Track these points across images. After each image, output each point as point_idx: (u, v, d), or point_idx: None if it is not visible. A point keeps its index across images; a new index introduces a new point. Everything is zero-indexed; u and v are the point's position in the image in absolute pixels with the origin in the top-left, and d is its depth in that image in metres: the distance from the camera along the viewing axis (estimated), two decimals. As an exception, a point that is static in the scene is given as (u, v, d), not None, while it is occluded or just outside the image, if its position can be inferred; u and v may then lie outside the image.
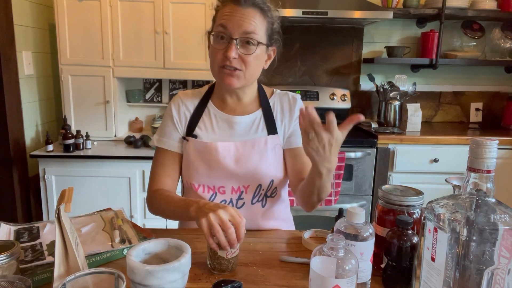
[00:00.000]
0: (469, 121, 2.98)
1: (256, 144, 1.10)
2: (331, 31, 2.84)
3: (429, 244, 0.68)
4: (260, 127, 1.13)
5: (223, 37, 1.01)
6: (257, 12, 1.01)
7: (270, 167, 1.11)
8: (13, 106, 2.26)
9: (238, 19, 0.99)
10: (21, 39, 2.33)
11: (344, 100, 2.81)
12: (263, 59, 1.07)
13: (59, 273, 0.72)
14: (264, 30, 1.03)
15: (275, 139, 1.12)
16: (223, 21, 1.01)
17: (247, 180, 1.10)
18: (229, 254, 0.85)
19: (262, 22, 1.02)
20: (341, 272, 0.66)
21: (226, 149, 1.09)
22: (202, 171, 1.10)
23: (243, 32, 0.99)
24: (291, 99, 1.16)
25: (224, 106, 1.15)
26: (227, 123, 1.13)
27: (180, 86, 2.79)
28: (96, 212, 1.12)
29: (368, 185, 2.43)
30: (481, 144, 0.62)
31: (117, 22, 2.39)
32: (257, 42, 1.01)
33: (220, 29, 1.01)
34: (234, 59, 1.00)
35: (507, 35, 2.75)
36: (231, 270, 0.87)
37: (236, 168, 1.09)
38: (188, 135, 1.13)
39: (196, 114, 1.14)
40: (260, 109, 1.15)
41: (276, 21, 1.08)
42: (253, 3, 1.01)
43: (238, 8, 1.00)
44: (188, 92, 1.19)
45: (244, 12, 1.00)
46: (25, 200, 2.39)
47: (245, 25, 0.99)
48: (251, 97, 1.16)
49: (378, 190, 0.88)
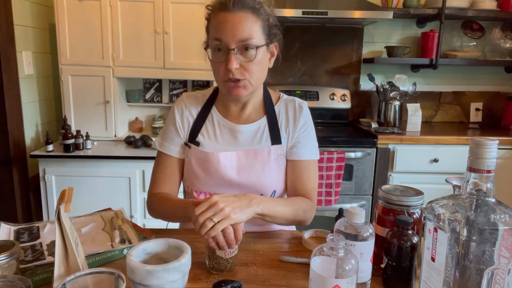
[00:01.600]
0: (469, 121, 2.98)
1: (259, 154, 1.08)
2: (331, 31, 2.84)
3: (429, 244, 0.68)
4: (264, 136, 1.10)
5: (220, 49, 0.98)
6: (249, 14, 0.97)
7: (273, 178, 1.09)
8: (13, 106, 2.26)
9: (230, 27, 0.95)
10: (21, 39, 2.33)
11: (344, 100, 2.81)
12: (266, 59, 1.04)
13: (59, 273, 0.72)
14: (260, 30, 0.99)
15: (278, 149, 1.09)
16: (216, 33, 0.97)
17: (249, 190, 1.06)
18: (228, 254, 0.85)
19: (256, 23, 0.98)
20: (341, 272, 0.66)
21: (228, 159, 1.07)
22: (203, 179, 1.08)
23: (239, 40, 0.96)
24: (297, 107, 1.13)
25: (228, 113, 1.12)
26: (230, 131, 1.11)
27: (180, 86, 2.79)
28: (96, 212, 1.12)
29: (368, 185, 2.43)
30: (481, 144, 0.62)
31: (117, 22, 2.39)
32: (256, 47, 0.98)
33: (216, 43, 0.98)
34: (236, 69, 0.97)
35: (507, 35, 2.75)
36: (229, 270, 0.87)
37: (238, 179, 1.07)
38: (191, 141, 1.11)
39: (199, 120, 1.12)
40: (265, 116, 1.12)
41: (271, 15, 1.03)
42: (243, 5, 0.96)
43: (228, 15, 0.96)
44: (192, 95, 1.16)
45: (235, 18, 0.96)
46: (25, 200, 2.39)
47: (239, 33, 0.95)
48: (256, 104, 1.13)
49: (378, 190, 0.88)
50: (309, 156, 1.12)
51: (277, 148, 1.09)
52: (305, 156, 1.11)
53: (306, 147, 1.12)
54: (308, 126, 1.13)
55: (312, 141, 1.14)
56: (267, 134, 1.10)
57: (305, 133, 1.12)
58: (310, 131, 1.14)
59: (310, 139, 1.13)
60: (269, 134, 1.10)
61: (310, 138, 1.14)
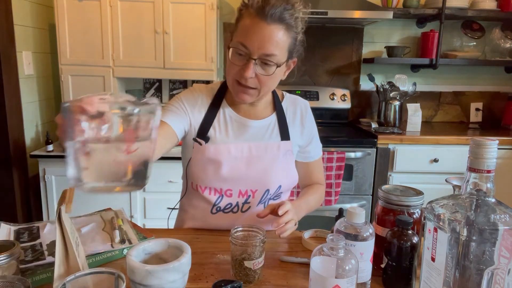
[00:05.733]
0: (469, 121, 2.98)
1: (269, 148, 1.10)
2: (331, 31, 2.84)
3: (429, 244, 0.68)
4: (274, 132, 1.13)
5: (241, 54, 0.97)
6: (282, 29, 0.94)
7: (280, 172, 1.11)
8: (13, 106, 2.26)
9: (259, 38, 0.93)
10: (21, 39, 2.33)
11: (344, 100, 2.81)
12: (281, 73, 1.04)
13: (59, 273, 0.72)
14: (286, 48, 0.98)
15: (287, 145, 1.13)
16: (243, 39, 0.94)
17: (256, 184, 1.09)
18: (256, 264, 0.82)
19: (285, 41, 0.96)
20: (341, 272, 0.66)
21: (239, 150, 1.08)
22: (211, 173, 1.07)
23: (263, 54, 0.94)
24: (303, 107, 1.18)
25: (238, 108, 1.12)
26: (241, 126, 1.11)
27: (180, 86, 2.79)
28: (96, 212, 1.12)
29: (368, 185, 2.43)
30: (481, 144, 0.62)
31: (117, 22, 2.39)
32: (277, 65, 0.96)
33: (240, 47, 0.95)
34: (251, 78, 0.97)
35: (507, 35, 2.75)
36: (257, 281, 0.84)
37: (246, 170, 1.08)
38: (200, 136, 1.09)
39: (210, 116, 1.11)
40: (275, 113, 1.14)
41: (301, 31, 1.01)
42: (280, 18, 0.93)
43: (262, 24, 0.92)
44: (203, 86, 1.15)
45: (267, 30, 0.92)
46: (25, 200, 2.39)
47: (266, 47, 0.93)
48: (265, 102, 1.15)
49: (378, 190, 0.88)
50: (317, 156, 1.23)
51: (286, 144, 1.13)
52: (316, 157, 1.22)
53: (316, 150, 1.22)
54: (314, 128, 1.21)
55: (318, 140, 1.22)
56: (277, 130, 1.13)
57: (314, 137, 1.20)
58: (316, 133, 1.22)
59: (317, 141, 1.22)
60: (279, 130, 1.14)
61: (317, 140, 1.22)
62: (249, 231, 0.86)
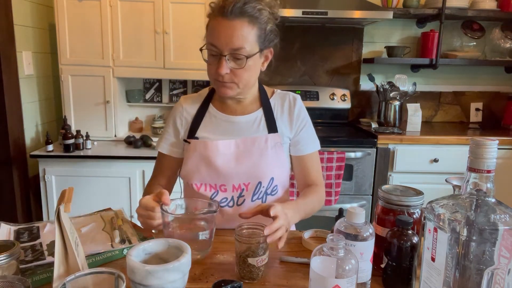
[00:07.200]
0: (469, 121, 2.97)
1: (257, 142, 1.12)
2: (331, 31, 2.84)
3: (429, 244, 0.67)
4: (261, 126, 1.15)
5: (214, 54, 1.03)
6: (245, 22, 0.99)
7: (270, 165, 1.12)
8: (13, 106, 2.26)
9: (225, 35, 0.98)
10: (21, 39, 2.33)
11: (344, 100, 2.81)
12: (258, 64, 1.08)
13: (59, 273, 0.72)
14: (255, 39, 1.01)
15: (275, 138, 1.14)
16: (211, 39, 1.01)
17: (248, 177, 1.11)
18: (260, 261, 0.83)
19: (251, 32, 1.00)
20: (341, 272, 0.66)
21: (227, 147, 1.11)
22: (203, 171, 1.12)
23: (230, 49, 0.99)
24: (291, 99, 1.18)
25: (225, 107, 1.17)
26: (228, 123, 1.15)
27: (180, 86, 2.79)
28: (96, 212, 1.12)
29: (368, 185, 2.43)
30: (481, 144, 0.62)
31: (117, 22, 2.39)
32: (247, 56, 1.00)
33: (210, 47, 1.02)
34: (226, 74, 1.02)
35: (507, 35, 2.75)
36: (260, 278, 0.85)
37: (236, 166, 1.11)
38: (190, 137, 1.15)
39: (198, 117, 1.17)
40: (261, 108, 1.16)
41: (269, 21, 1.05)
42: (241, 12, 0.98)
43: (224, 22, 0.98)
44: (189, 97, 1.23)
45: (230, 26, 0.98)
46: (25, 200, 2.39)
47: (232, 42, 0.98)
48: (251, 98, 1.17)
49: (378, 190, 0.88)
50: (312, 149, 1.20)
51: (274, 137, 1.13)
52: (309, 150, 1.19)
53: (308, 142, 1.19)
54: (306, 120, 1.20)
55: (311, 133, 1.21)
56: (264, 124, 1.15)
57: (304, 128, 1.19)
58: (309, 125, 1.20)
59: (309, 133, 1.20)
60: (266, 124, 1.15)
61: (309, 131, 1.20)
62: (253, 229, 0.88)
